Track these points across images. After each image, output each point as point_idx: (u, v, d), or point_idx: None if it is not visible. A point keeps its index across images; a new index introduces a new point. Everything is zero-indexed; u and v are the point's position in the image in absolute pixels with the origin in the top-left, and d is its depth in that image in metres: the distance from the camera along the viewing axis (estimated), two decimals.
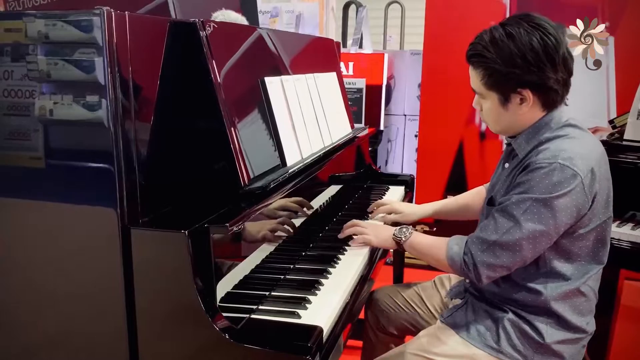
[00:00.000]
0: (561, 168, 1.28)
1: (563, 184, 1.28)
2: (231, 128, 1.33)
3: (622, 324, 2.27)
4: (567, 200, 1.29)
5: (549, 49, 1.31)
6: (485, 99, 1.42)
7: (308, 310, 1.29)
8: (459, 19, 3.31)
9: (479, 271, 1.37)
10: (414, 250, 1.57)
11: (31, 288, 1.27)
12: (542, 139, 1.38)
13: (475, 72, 1.40)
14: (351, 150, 2.21)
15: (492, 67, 1.34)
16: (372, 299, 1.85)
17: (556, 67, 1.32)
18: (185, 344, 1.18)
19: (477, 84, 1.41)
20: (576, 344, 1.44)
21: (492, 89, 1.38)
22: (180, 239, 1.13)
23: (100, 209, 1.17)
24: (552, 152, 1.32)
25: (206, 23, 1.32)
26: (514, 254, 1.34)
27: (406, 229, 1.59)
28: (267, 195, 1.37)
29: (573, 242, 1.37)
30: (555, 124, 1.38)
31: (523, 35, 1.31)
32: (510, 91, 1.36)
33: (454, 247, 1.43)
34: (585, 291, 1.41)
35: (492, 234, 1.35)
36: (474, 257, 1.38)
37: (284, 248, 1.53)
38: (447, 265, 1.44)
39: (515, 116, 1.40)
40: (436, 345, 1.47)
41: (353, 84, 3.66)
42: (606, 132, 2.46)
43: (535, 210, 1.30)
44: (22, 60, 1.17)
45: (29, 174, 1.22)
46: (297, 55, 1.91)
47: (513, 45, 1.31)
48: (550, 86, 1.34)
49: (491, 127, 1.50)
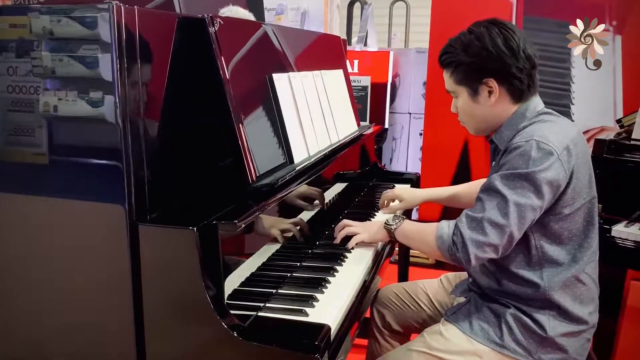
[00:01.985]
0: (537, 144, 1.34)
1: (542, 159, 1.33)
2: (239, 125, 1.32)
3: (628, 324, 2.27)
4: (547, 174, 1.33)
5: (507, 40, 1.41)
6: (458, 97, 1.51)
7: (315, 309, 1.29)
8: (465, 17, 3.27)
9: (468, 250, 1.37)
10: (405, 238, 1.58)
11: (38, 284, 1.27)
12: (519, 128, 1.44)
13: (446, 73, 1.50)
14: (357, 148, 2.20)
15: (459, 59, 1.45)
16: (378, 296, 1.85)
17: (516, 55, 1.40)
18: (193, 341, 1.18)
19: (448, 82, 1.50)
20: (579, 337, 1.45)
21: (461, 83, 1.47)
22: (188, 235, 1.12)
23: (108, 205, 1.16)
24: (528, 133, 1.39)
25: (215, 18, 1.32)
26: (503, 231, 1.35)
27: (397, 217, 1.61)
28: (275, 193, 1.36)
29: (560, 223, 1.40)
30: (530, 114, 1.46)
31: (484, 31, 1.43)
32: (477, 82, 1.44)
33: (444, 228, 1.44)
34: (583, 279, 1.43)
35: (480, 211, 1.38)
36: (462, 236, 1.38)
37: (290, 246, 1.53)
38: (436, 247, 1.44)
39: (487, 109, 1.46)
40: (440, 342, 1.48)
41: (358, 81, 3.65)
42: (613, 132, 2.45)
43: (519, 185, 1.34)
44: (26, 56, 1.16)
45: (33, 170, 1.22)
46: (304, 52, 1.91)
47: (476, 40, 1.42)
48: (513, 73, 1.41)
49: (471, 129, 1.56)
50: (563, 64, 3.08)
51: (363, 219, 1.90)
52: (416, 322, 1.78)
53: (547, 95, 3.08)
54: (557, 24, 3.08)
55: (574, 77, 3.09)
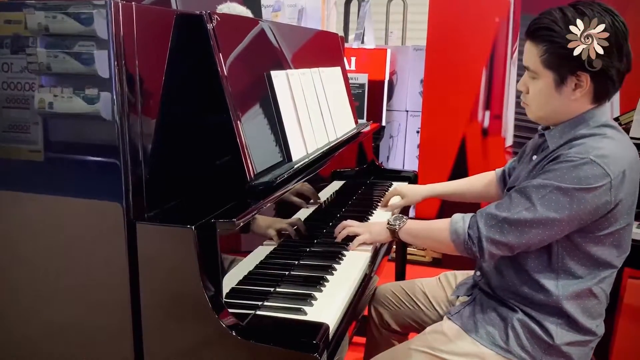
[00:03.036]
0: (592, 164, 1.24)
1: (590, 179, 1.24)
2: (237, 122, 1.31)
3: (625, 322, 2.27)
4: (589, 196, 1.25)
5: (619, 35, 1.26)
6: (538, 79, 1.35)
7: (314, 307, 1.28)
8: (463, 15, 3.29)
9: (483, 245, 1.35)
10: (410, 237, 1.54)
11: (36, 282, 1.26)
12: (577, 135, 1.33)
13: (534, 48, 1.33)
14: (355, 146, 2.20)
15: (558, 42, 1.28)
16: (375, 295, 1.84)
17: (622, 56, 1.28)
18: (190, 339, 1.17)
19: (534, 60, 1.33)
20: (585, 346, 1.42)
21: (551, 67, 1.31)
22: (186, 234, 1.12)
23: (105, 203, 1.15)
24: (586, 148, 1.28)
25: (213, 15, 1.31)
26: (521, 235, 1.31)
27: (400, 217, 1.57)
28: (273, 191, 1.36)
29: (589, 243, 1.33)
30: (593, 123, 1.34)
31: (596, 16, 1.26)
32: (569, 72, 1.30)
33: (458, 222, 1.40)
34: (597, 293, 1.38)
35: (504, 211, 1.33)
36: (479, 231, 1.35)
37: (288, 244, 1.52)
38: (449, 241, 1.40)
39: (564, 101, 1.33)
40: (443, 343, 1.45)
41: (355, 79, 3.65)
42: None
43: (554, 198, 1.27)
44: (21, 52, 1.16)
45: (28, 167, 1.21)
46: (302, 49, 1.90)
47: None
48: (611, 75, 1.29)
49: (532, 113, 1.41)
50: None
51: (360, 217, 1.90)
52: (414, 321, 1.77)
53: None
54: None
55: None
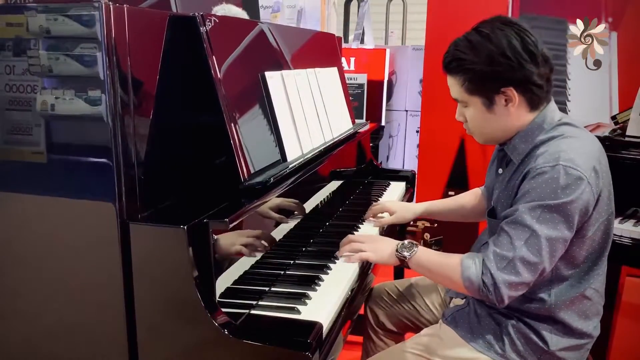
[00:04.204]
0: (565, 170, 1.24)
1: (571, 186, 1.24)
2: (231, 123, 1.32)
3: (623, 320, 2.27)
4: (579, 203, 1.25)
5: (527, 44, 1.28)
6: (468, 107, 1.38)
7: (308, 306, 1.29)
8: (461, 14, 3.28)
9: (501, 292, 1.27)
10: (421, 269, 1.43)
11: (30, 282, 1.27)
12: (537, 142, 1.33)
13: (454, 80, 1.36)
14: (352, 146, 2.20)
15: (472, 69, 1.31)
16: (371, 294, 1.84)
17: (536, 60, 1.29)
18: (185, 339, 1.18)
19: (457, 91, 1.37)
20: (580, 349, 1.42)
21: (475, 93, 1.34)
22: (179, 234, 1.12)
23: (99, 204, 1.16)
24: (552, 154, 1.27)
25: (206, 17, 1.31)
26: (535, 268, 1.27)
27: (411, 245, 1.43)
28: (267, 191, 1.36)
29: (580, 245, 1.33)
30: (548, 125, 1.34)
31: (499, 34, 1.29)
32: (494, 92, 1.32)
33: (470, 267, 1.31)
34: (590, 295, 1.38)
35: (510, 250, 1.27)
36: (494, 277, 1.27)
37: (284, 244, 1.53)
38: (462, 286, 1.33)
39: (502, 119, 1.35)
40: (439, 347, 1.45)
41: (354, 79, 3.65)
42: (608, 128, 2.45)
43: (549, 217, 1.25)
44: (23, 54, 1.16)
45: (30, 169, 1.22)
46: (298, 50, 1.90)
47: (491, 45, 1.28)
48: (534, 81, 1.30)
49: (479, 138, 1.44)
50: (559, 61, 3.08)
51: (357, 217, 1.91)
52: (410, 321, 1.77)
53: None
54: (553, 21, 3.08)
55: (570, 73, 3.09)
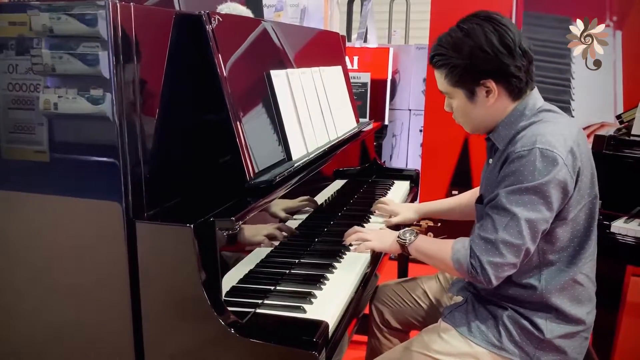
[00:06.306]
0: (541, 153, 1.29)
1: (547, 168, 1.29)
2: (237, 122, 1.32)
3: (628, 320, 2.26)
4: (555, 183, 1.29)
5: (503, 37, 1.34)
6: (453, 98, 1.45)
7: (313, 305, 1.29)
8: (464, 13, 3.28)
9: (488, 272, 1.33)
10: (419, 254, 1.51)
11: (36, 281, 1.27)
12: (518, 128, 1.40)
13: (439, 73, 1.44)
14: (356, 145, 2.20)
15: (453, 62, 1.38)
16: (376, 293, 1.85)
17: (513, 53, 1.34)
18: (191, 338, 1.18)
19: (442, 84, 1.44)
20: (577, 337, 1.44)
21: (457, 85, 1.41)
22: (185, 232, 1.12)
23: (105, 203, 1.16)
24: (529, 138, 1.33)
25: (212, 15, 1.31)
26: (519, 249, 1.32)
27: (410, 232, 1.54)
28: (273, 190, 1.36)
29: (564, 227, 1.37)
30: (529, 111, 1.41)
31: (477, 29, 1.36)
32: (474, 84, 1.39)
33: (460, 250, 1.39)
34: (580, 280, 1.41)
35: (492, 233, 1.33)
36: (480, 259, 1.34)
37: (289, 242, 1.53)
38: (454, 268, 1.40)
39: (485, 109, 1.42)
40: (438, 344, 1.47)
41: (358, 78, 3.64)
42: (613, 127, 2.45)
43: (527, 199, 1.30)
44: (26, 53, 1.17)
45: (33, 168, 1.22)
46: (303, 48, 1.90)
47: (470, 40, 1.36)
48: (512, 73, 1.36)
49: (466, 127, 1.51)
50: (563, 60, 3.07)
51: (362, 216, 1.91)
52: (415, 319, 1.77)
53: (547, 91, 3.07)
54: (557, 20, 3.07)
55: (574, 72, 3.08)
